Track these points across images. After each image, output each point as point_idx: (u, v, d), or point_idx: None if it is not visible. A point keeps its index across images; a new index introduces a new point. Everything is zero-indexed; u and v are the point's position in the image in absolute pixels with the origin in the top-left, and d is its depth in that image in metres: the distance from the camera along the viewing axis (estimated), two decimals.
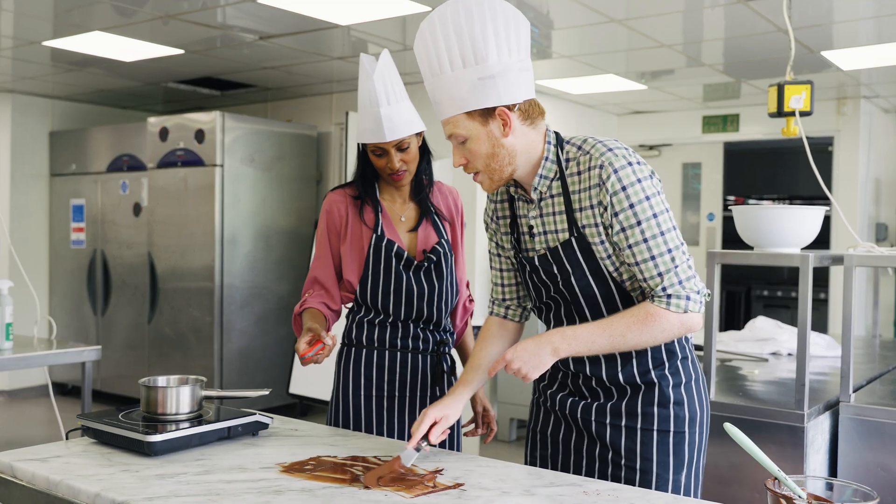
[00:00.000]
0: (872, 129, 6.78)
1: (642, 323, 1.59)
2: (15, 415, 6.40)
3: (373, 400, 2.19)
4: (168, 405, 1.82)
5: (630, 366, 1.71)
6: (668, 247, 1.59)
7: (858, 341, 4.04)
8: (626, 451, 1.71)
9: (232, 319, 5.97)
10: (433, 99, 1.65)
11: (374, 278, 2.17)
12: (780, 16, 4.03)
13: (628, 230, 1.59)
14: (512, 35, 1.59)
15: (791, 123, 3.36)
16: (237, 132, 5.97)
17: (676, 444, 1.71)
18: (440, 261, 2.21)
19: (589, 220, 1.64)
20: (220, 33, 4.84)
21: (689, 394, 1.73)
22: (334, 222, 2.23)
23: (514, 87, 1.60)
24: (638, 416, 1.71)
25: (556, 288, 1.71)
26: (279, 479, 1.58)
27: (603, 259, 1.65)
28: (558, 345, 1.62)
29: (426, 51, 1.62)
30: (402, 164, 2.14)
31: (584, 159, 1.64)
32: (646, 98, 6.82)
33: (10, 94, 6.92)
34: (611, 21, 4.37)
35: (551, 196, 1.69)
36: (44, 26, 4.76)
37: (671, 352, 1.73)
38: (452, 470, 1.65)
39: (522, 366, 1.62)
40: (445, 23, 1.59)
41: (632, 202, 1.58)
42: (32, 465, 1.64)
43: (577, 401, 1.78)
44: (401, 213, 2.25)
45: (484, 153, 1.63)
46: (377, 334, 2.19)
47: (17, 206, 6.98)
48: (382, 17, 4.38)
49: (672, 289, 1.59)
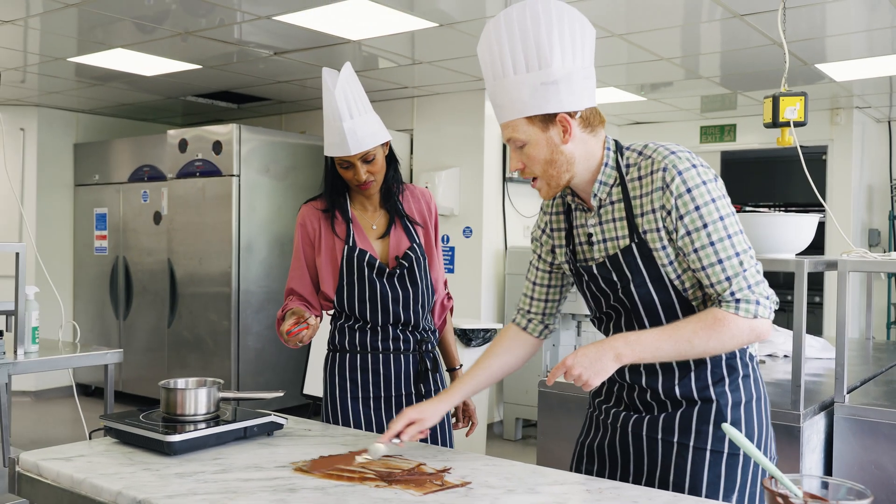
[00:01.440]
0: (865, 138, 6.79)
1: (710, 328, 1.50)
2: (41, 414, 6.49)
3: (359, 401, 2.22)
4: (187, 406, 1.83)
5: (688, 379, 1.61)
6: (736, 250, 1.51)
7: (853, 343, 4.02)
8: (675, 468, 1.61)
9: (248, 323, 6.05)
10: (494, 102, 1.59)
11: (350, 288, 2.20)
12: (774, 30, 4.08)
13: (694, 233, 1.51)
14: (577, 41, 1.54)
15: (786, 134, 3.39)
16: (253, 143, 6.04)
17: (729, 466, 1.59)
18: (412, 266, 2.22)
19: (650, 225, 1.56)
20: (237, 49, 4.92)
21: (748, 414, 1.61)
22: (308, 235, 2.24)
23: (577, 93, 1.54)
24: (691, 434, 1.60)
25: (616, 296, 1.64)
26: (293, 477, 1.58)
27: (664, 265, 1.57)
28: (621, 350, 1.53)
29: (490, 53, 1.56)
30: (369, 175, 2.15)
31: (646, 163, 1.57)
32: (645, 109, 6.84)
33: (37, 108, 7.02)
34: (611, 35, 4.43)
35: (611, 202, 1.62)
36: (69, 43, 4.86)
37: (732, 367, 1.62)
38: (459, 468, 1.65)
39: (584, 371, 1.52)
40: (511, 25, 1.52)
41: (697, 204, 1.51)
42: (57, 464, 1.64)
43: (628, 415, 1.69)
44: (372, 221, 2.26)
45: (542, 159, 1.57)
46: (359, 339, 2.22)
47: (43, 215, 7.07)
48: (392, 33, 4.45)
49: (741, 293, 1.50)
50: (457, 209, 6.10)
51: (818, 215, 2.62)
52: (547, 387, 2.83)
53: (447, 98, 6.10)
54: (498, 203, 6.20)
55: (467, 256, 6.10)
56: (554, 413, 2.81)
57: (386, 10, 4.05)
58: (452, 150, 6.05)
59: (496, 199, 6.18)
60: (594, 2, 3.88)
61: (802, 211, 8.14)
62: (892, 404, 2.51)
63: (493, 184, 6.10)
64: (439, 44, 4.71)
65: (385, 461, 1.71)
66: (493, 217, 6.15)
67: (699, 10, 4.02)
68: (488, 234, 6.09)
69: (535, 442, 5.42)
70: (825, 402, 2.55)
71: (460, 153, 6.06)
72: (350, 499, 1.47)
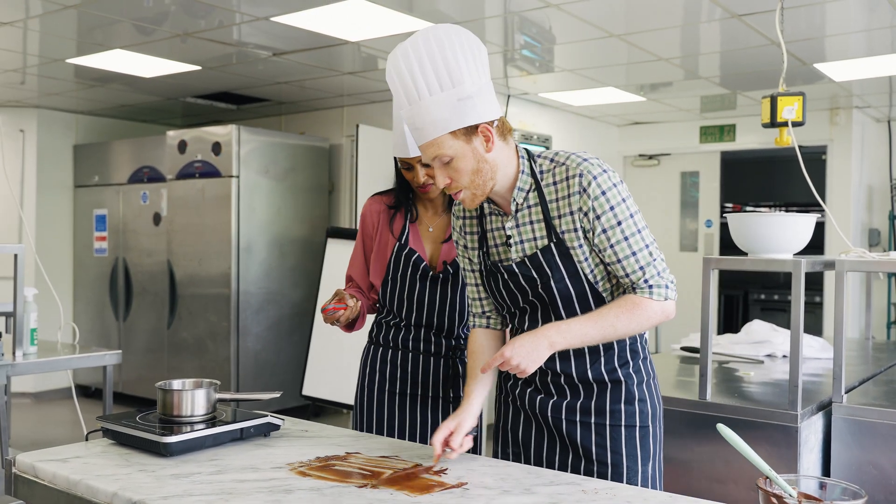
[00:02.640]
0: (864, 138, 6.79)
1: (630, 312, 1.69)
2: (40, 416, 6.48)
3: (394, 396, 2.27)
4: (183, 408, 1.84)
5: (598, 363, 1.79)
6: (646, 242, 1.70)
7: (852, 343, 4.00)
8: (596, 447, 1.78)
9: (247, 325, 6.05)
10: (412, 125, 1.68)
11: (393, 284, 2.26)
12: (773, 30, 4.07)
13: (609, 230, 1.68)
14: (479, 59, 1.66)
15: (784, 134, 3.39)
16: (252, 144, 6.05)
17: (643, 437, 1.80)
18: (457, 273, 2.25)
19: (568, 226, 1.72)
20: (236, 50, 4.93)
21: (649, 391, 1.83)
22: (367, 227, 2.32)
23: (490, 105, 1.67)
24: (607, 414, 1.78)
25: (535, 292, 1.77)
26: (289, 478, 1.59)
27: (580, 262, 1.73)
28: (554, 338, 1.68)
29: (401, 80, 1.65)
30: (427, 178, 2.17)
31: (561, 170, 1.72)
32: (645, 109, 6.85)
33: (37, 109, 7.03)
34: (611, 36, 4.44)
35: (528, 206, 1.76)
36: (68, 45, 4.86)
37: (634, 351, 1.82)
38: (455, 469, 1.67)
39: (521, 361, 1.65)
40: (418, 51, 1.63)
41: (612, 205, 1.68)
42: (53, 466, 1.65)
43: (545, 399, 1.83)
44: (431, 223, 2.29)
45: (469, 170, 1.67)
46: (394, 335, 2.28)
47: (42, 216, 7.08)
48: (390, 34, 4.46)
49: (653, 279, 1.70)
50: None
51: (815, 216, 2.60)
52: None
53: None
54: None
55: None
56: None
57: (385, 10, 4.05)
58: None
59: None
60: (594, 2, 3.89)
61: (802, 211, 8.14)
62: (890, 404, 2.48)
63: None
64: None
65: (381, 461, 1.73)
66: None
67: (698, 11, 4.02)
68: None
69: None
70: (823, 402, 2.55)
71: None
72: (345, 500, 1.47)
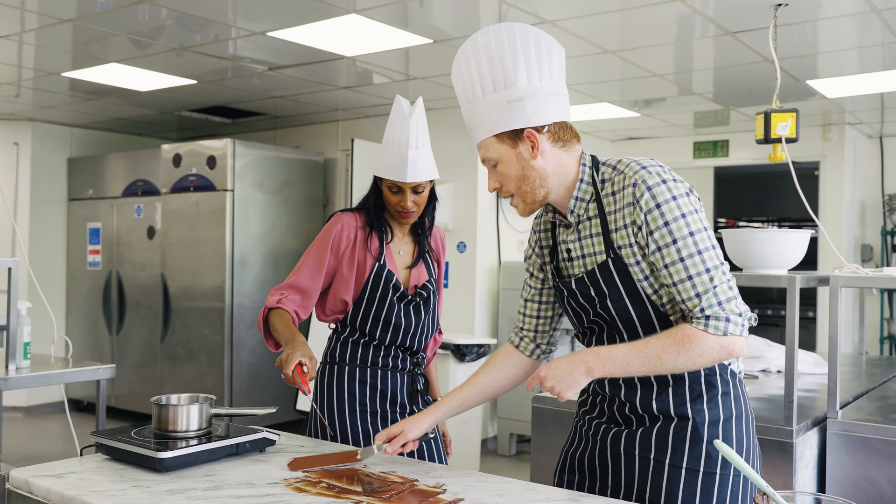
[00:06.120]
0: (857, 154, 6.83)
1: (679, 345, 1.50)
2: (32, 430, 6.45)
3: (356, 413, 2.27)
4: (179, 423, 1.83)
5: (665, 394, 1.62)
6: (707, 266, 1.51)
7: (846, 358, 4.02)
8: (651, 485, 1.61)
9: (241, 338, 6.05)
10: (469, 125, 1.67)
11: (369, 304, 2.26)
12: (766, 47, 4.11)
13: (664, 249, 1.52)
14: (544, 60, 1.59)
15: (777, 150, 3.42)
16: (247, 158, 6.08)
17: (705, 485, 1.58)
18: (429, 297, 2.33)
19: (624, 241, 1.58)
20: (232, 64, 4.95)
21: (726, 432, 1.60)
22: (340, 243, 2.27)
23: (543, 109, 1.58)
24: (667, 451, 1.60)
25: (595, 312, 1.66)
26: (285, 494, 1.58)
27: (640, 280, 1.58)
28: (592, 364, 1.56)
29: (461, 78, 1.65)
30: (414, 205, 2.25)
31: (619, 179, 1.59)
32: (639, 125, 6.88)
33: (31, 122, 7.04)
34: (605, 52, 4.46)
35: (588, 218, 1.65)
36: (63, 58, 4.88)
37: (711, 384, 1.61)
38: (452, 485, 1.67)
39: (556, 384, 1.57)
40: (478, 50, 1.60)
41: (667, 220, 1.52)
42: (47, 481, 1.63)
43: (609, 427, 1.71)
44: (399, 247, 2.35)
45: (514, 175, 1.62)
46: (360, 353, 2.29)
47: (36, 230, 7.08)
48: (386, 49, 4.48)
49: (710, 310, 1.50)
50: (451, 224, 6.12)
51: (810, 231, 2.63)
52: (541, 402, 2.83)
53: (441, 113, 6.12)
54: (492, 218, 6.22)
55: (461, 271, 6.11)
56: (548, 428, 2.80)
57: (380, 26, 4.07)
58: (447, 166, 6.07)
59: (490, 214, 6.20)
60: (588, 19, 3.91)
61: (795, 226, 8.19)
62: (885, 420, 2.49)
63: (487, 199, 6.12)
64: (434, 60, 4.74)
65: (377, 477, 1.72)
66: (488, 232, 6.17)
67: (692, 28, 4.05)
68: (482, 249, 6.10)
69: (528, 457, 5.41)
70: (818, 417, 2.55)
71: (455, 168, 6.08)
72: None
